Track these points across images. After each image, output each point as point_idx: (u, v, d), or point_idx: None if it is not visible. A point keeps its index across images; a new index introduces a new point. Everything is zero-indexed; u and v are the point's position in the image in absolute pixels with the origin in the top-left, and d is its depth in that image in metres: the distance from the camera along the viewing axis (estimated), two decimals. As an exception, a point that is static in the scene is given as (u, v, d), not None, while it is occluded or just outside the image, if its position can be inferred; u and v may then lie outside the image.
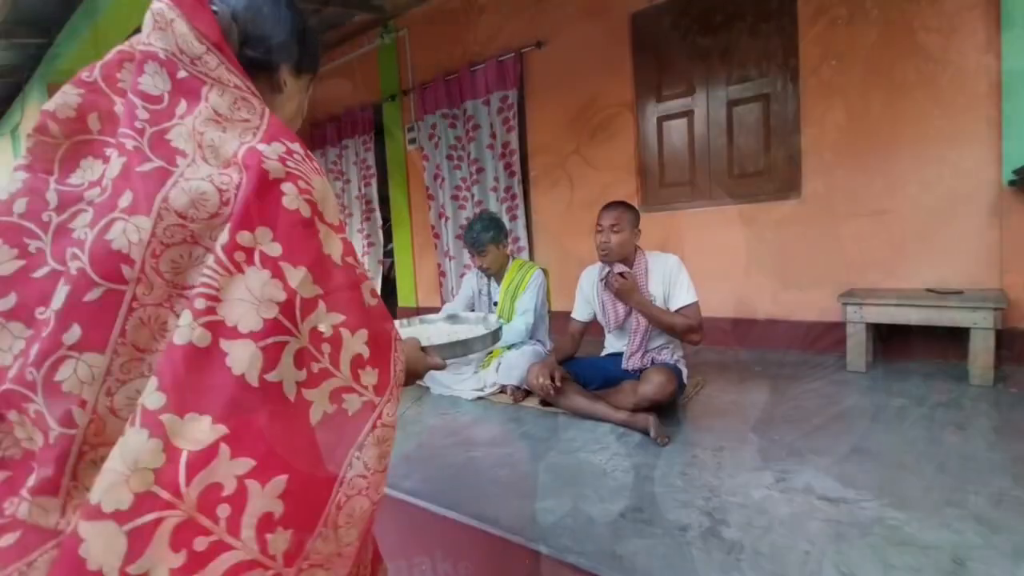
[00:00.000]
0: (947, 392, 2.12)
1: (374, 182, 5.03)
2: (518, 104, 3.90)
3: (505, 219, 4.04)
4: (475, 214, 3.93)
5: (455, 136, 4.30)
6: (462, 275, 4.38)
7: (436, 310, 4.57)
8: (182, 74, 0.59)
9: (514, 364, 2.36)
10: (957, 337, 2.42)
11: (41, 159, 0.59)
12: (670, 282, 2.06)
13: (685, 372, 2.14)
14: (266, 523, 0.49)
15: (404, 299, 4.99)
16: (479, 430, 2.08)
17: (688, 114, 3.24)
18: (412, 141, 4.69)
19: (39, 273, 0.55)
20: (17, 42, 3.74)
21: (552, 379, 2.02)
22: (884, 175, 2.64)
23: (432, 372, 1.57)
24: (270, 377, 0.51)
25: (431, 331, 1.26)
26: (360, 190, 5.08)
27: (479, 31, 4.06)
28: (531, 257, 4.01)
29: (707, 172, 3.21)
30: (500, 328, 1.11)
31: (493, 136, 4.02)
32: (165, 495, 0.46)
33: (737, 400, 2.19)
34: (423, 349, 0.84)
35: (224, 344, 0.50)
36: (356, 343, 0.59)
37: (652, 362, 2.10)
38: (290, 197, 0.56)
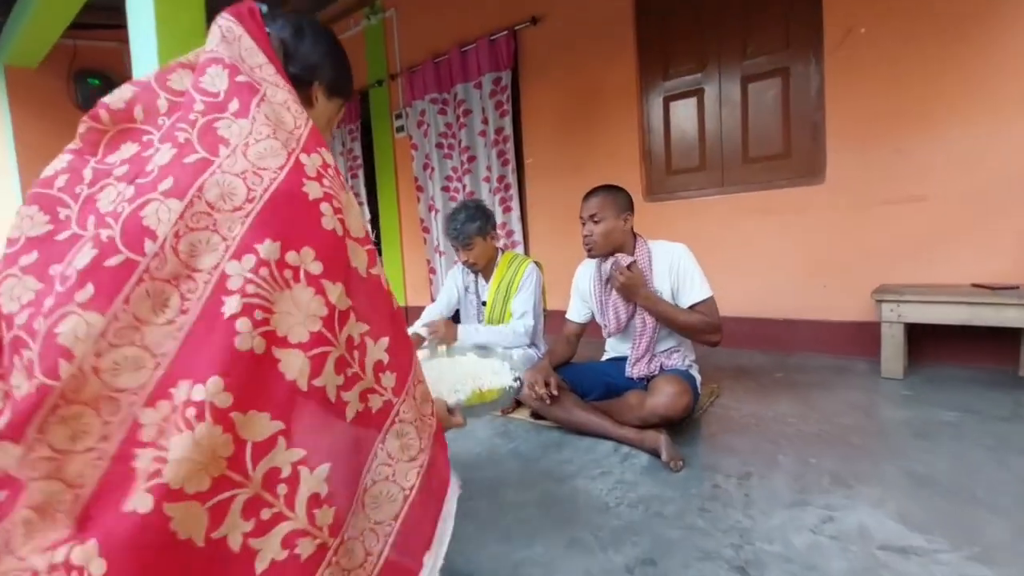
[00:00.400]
0: (1004, 404, 1.82)
1: (361, 173, 4.74)
2: (512, 86, 3.60)
3: (498, 211, 3.74)
4: (451, 198, 3.60)
5: (445, 123, 4.01)
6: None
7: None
8: (241, 78, 0.68)
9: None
10: (1007, 339, 2.13)
11: (89, 143, 0.68)
12: (679, 275, 1.76)
13: (699, 379, 1.84)
14: (314, 501, 0.60)
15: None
16: (459, 446, 1.78)
17: (698, 92, 2.94)
18: (400, 129, 4.40)
19: (62, 236, 0.61)
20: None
21: (547, 386, 1.72)
22: (920, 156, 2.34)
23: None
24: (316, 382, 0.61)
25: (457, 368, 1.29)
26: (348, 182, 4.76)
27: (470, 8, 3.76)
28: (526, 251, 3.71)
29: (719, 156, 2.91)
30: (520, 378, 1.23)
31: (485, 122, 3.73)
32: (236, 477, 0.56)
33: (759, 413, 1.89)
34: (449, 410, 0.93)
35: (277, 352, 0.59)
36: (378, 350, 0.69)
37: (661, 368, 1.80)
38: (327, 218, 0.64)
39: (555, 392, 1.72)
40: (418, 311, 4.38)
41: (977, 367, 2.24)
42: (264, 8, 0.77)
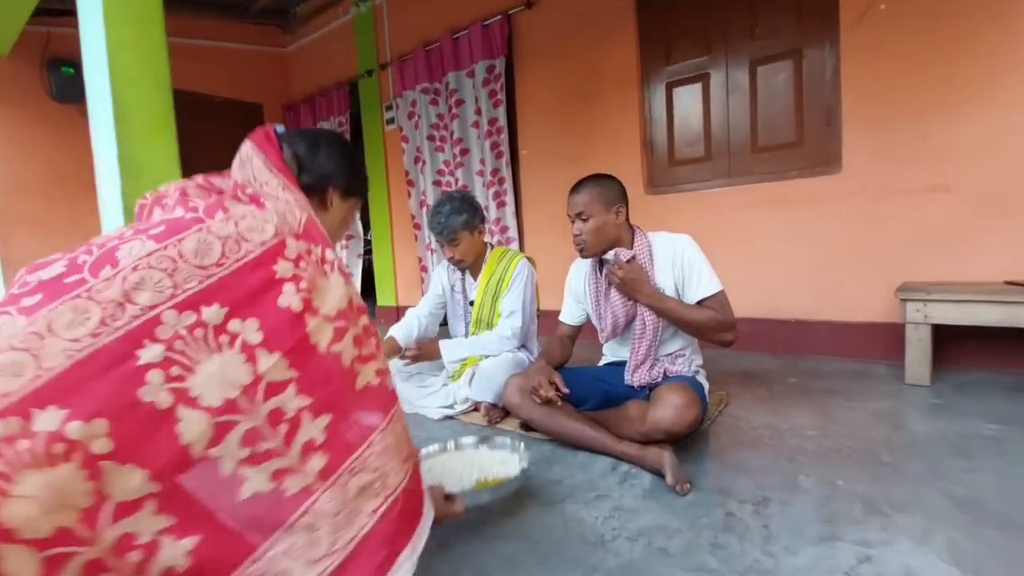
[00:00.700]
0: (1049, 414, 1.63)
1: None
2: (506, 74, 3.41)
3: (492, 205, 3.56)
4: (443, 193, 3.35)
5: (437, 113, 3.82)
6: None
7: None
8: (250, 190, 0.79)
9: (490, 377, 1.87)
10: (1046, 341, 1.94)
11: (137, 216, 0.80)
12: (684, 268, 1.56)
13: (707, 387, 1.66)
14: None
15: (384, 297, 4.51)
16: (426, 465, 1.59)
17: (703, 78, 2.75)
18: (390, 121, 4.21)
19: (70, 279, 0.61)
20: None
21: (553, 387, 1.52)
22: (945, 142, 2.15)
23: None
24: (213, 451, 0.59)
25: (464, 459, 1.36)
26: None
27: (462, -8, 3.57)
28: (521, 248, 3.52)
29: (726, 145, 2.72)
30: (527, 469, 1.28)
31: (478, 112, 3.54)
32: (82, 534, 0.52)
33: (773, 424, 1.70)
34: (447, 497, 1.00)
35: (181, 411, 0.58)
36: (315, 427, 0.66)
37: (664, 375, 1.61)
38: (286, 295, 0.67)
39: (564, 390, 1.52)
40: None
41: (1010, 372, 2.05)
42: (280, 128, 0.89)
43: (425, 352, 2.00)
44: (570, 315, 1.81)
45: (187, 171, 1.27)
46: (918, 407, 1.79)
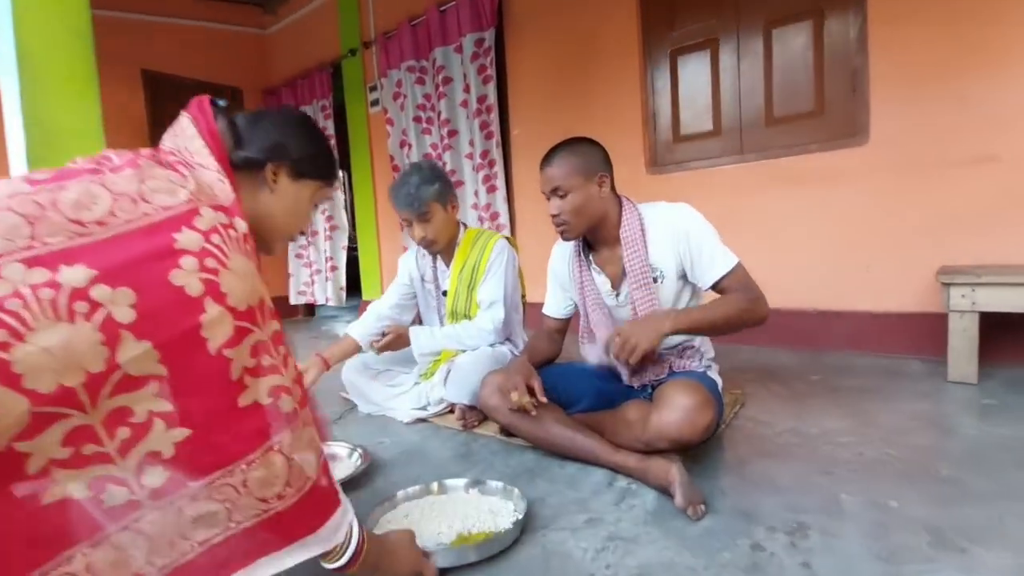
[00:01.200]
0: None
1: (335, 153, 4.29)
2: (496, 48, 3.15)
3: (482, 190, 3.30)
4: (410, 164, 3.01)
5: (423, 93, 3.57)
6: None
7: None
8: (173, 158, 0.67)
9: (467, 374, 1.60)
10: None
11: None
12: (690, 247, 1.28)
13: (720, 383, 1.39)
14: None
15: (369, 291, 4.24)
16: (406, 472, 1.34)
17: (711, 43, 2.48)
18: (375, 103, 3.96)
19: None
20: None
21: (530, 393, 1.27)
22: (989, 107, 1.88)
23: (359, 380, 1.86)
24: (21, 446, 0.48)
25: (448, 507, 1.09)
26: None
27: (449, -40, 3.32)
28: (513, 234, 3.26)
29: (737, 118, 2.45)
30: (524, 517, 1.02)
31: (467, 90, 3.28)
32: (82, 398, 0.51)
33: (800, 429, 1.43)
34: (427, 554, 0.86)
35: None
36: (164, 439, 0.54)
37: (671, 371, 1.35)
38: (184, 272, 0.55)
39: (542, 399, 1.27)
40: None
41: (1066, 368, 1.78)
42: (222, 102, 0.77)
43: (397, 339, 1.74)
44: (556, 306, 1.54)
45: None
46: (968, 409, 1.52)
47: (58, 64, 1.44)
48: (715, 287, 1.27)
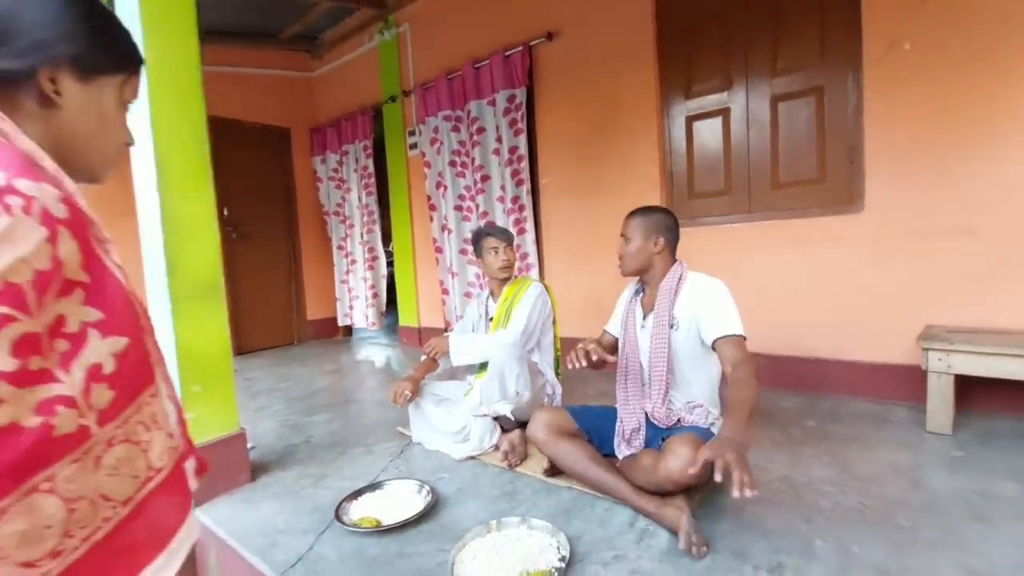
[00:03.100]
0: (1075, 472, 1.62)
1: (375, 190, 4.67)
2: (527, 104, 3.47)
3: (512, 231, 3.62)
4: (464, 218, 3.69)
5: (458, 140, 3.90)
6: (466, 294, 3.99)
7: (439, 330, 4.18)
8: None
9: (499, 370, 1.98)
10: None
11: None
12: (708, 304, 1.59)
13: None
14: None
15: (405, 318, 4.60)
16: (461, 510, 1.65)
17: (723, 112, 2.77)
18: (413, 146, 4.31)
19: None
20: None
21: (588, 357, 1.57)
22: (974, 183, 2.13)
23: (425, 404, 2.23)
24: None
25: (504, 546, 1.40)
26: (361, 199, 4.72)
27: (484, 24, 3.65)
28: (541, 275, 3.57)
29: (746, 180, 2.73)
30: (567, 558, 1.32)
31: (499, 140, 3.61)
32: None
33: (791, 477, 1.72)
34: None
35: None
36: (102, 349, 0.50)
37: (679, 423, 1.65)
38: None
39: (602, 357, 1.59)
40: (430, 333, 4.29)
41: (1036, 419, 2.02)
42: None
43: (437, 346, 2.23)
44: (614, 326, 1.90)
45: (222, 195, 1.31)
46: (938, 459, 1.78)
47: (184, 165, 1.80)
48: (718, 342, 1.54)
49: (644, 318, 1.73)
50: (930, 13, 2.15)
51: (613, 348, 1.88)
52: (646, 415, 1.70)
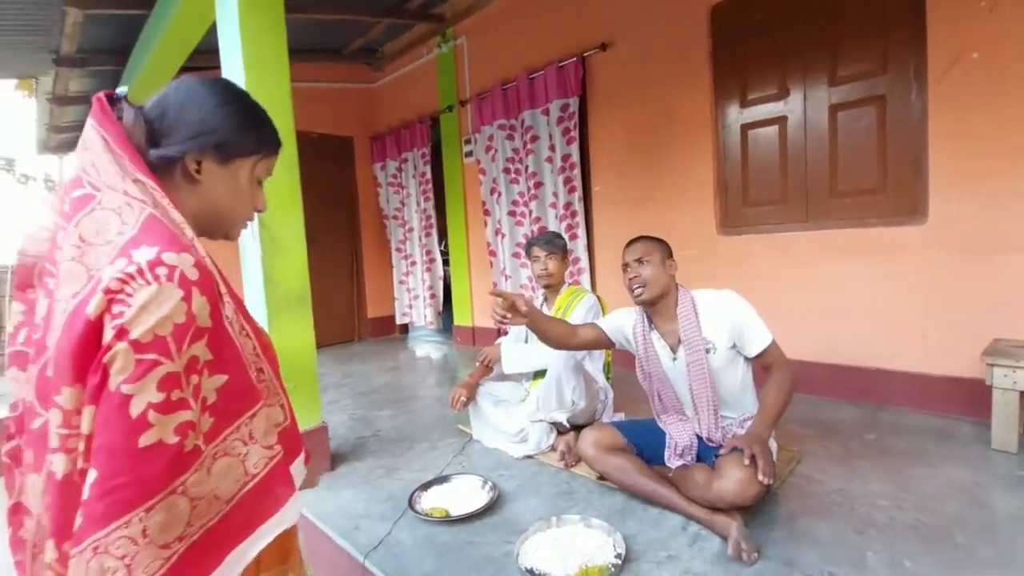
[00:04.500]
0: None
1: (432, 195, 4.88)
2: (580, 113, 3.56)
3: (565, 238, 3.72)
4: (516, 223, 3.89)
5: (512, 148, 4.03)
6: (519, 296, 4.11)
7: (491, 331, 4.34)
8: (77, 193, 0.65)
9: (555, 379, 2.08)
10: None
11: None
12: (741, 325, 1.65)
13: (775, 450, 1.73)
14: None
15: (460, 317, 4.80)
16: (522, 504, 1.79)
17: (780, 121, 2.76)
18: (469, 154, 4.48)
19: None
20: (94, 69, 3.89)
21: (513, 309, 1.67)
22: (1046, 196, 2.06)
23: (484, 404, 2.39)
24: (125, 389, 0.56)
25: (563, 541, 1.52)
26: (420, 203, 4.95)
27: (538, 35, 3.76)
28: (592, 283, 3.66)
29: (803, 189, 2.72)
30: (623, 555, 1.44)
31: (552, 148, 3.71)
32: None
33: (846, 490, 1.75)
34: None
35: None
36: (209, 385, 0.62)
37: (731, 436, 1.71)
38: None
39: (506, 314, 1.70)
40: (484, 332, 4.46)
41: (1115, 440, 1.95)
42: (122, 91, 0.71)
43: (490, 355, 2.37)
44: (610, 327, 1.87)
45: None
46: (1001, 479, 1.77)
47: (278, 183, 2.01)
48: (757, 357, 1.66)
49: (674, 351, 1.73)
50: (998, 21, 2.09)
51: (590, 344, 1.90)
52: (698, 435, 1.76)
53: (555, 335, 1.83)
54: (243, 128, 0.75)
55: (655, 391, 1.83)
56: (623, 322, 1.88)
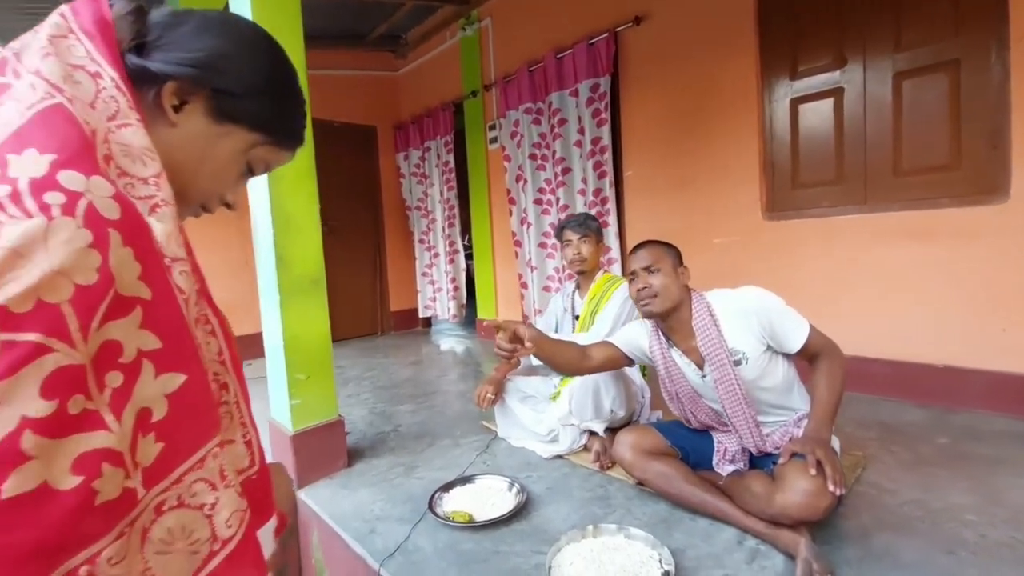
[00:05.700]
0: None
1: (456, 184, 4.74)
2: (611, 93, 3.36)
3: (597, 220, 3.53)
4: (543, 212, 3.63)
5: (539, 133, 3.85)
6: (545, 288, 3.95)
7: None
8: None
9: (583, 395, 1.90)
10: None
11: None
12: (772, 323, 1.43)
13: (839, 449, 1.51)
14: None
15: (484, 310, 4.65)
16: (552, 511, 1.62)
17: (836, 92, 2.52)
18: (493, 140, 4.32)
19: None
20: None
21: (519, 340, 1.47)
22: None
23: (511, 400, 2.21)
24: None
25: (602, 556, 1.34)
26: (443, 193, 4.81)
27: (567, 11, 3.56)
28: (623, 270, 3.46)
29: (861, 167, 2.47)
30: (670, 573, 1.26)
31: (581, 131, 3.52)
32: None
33: (924, 502, 1.53)
34: None
35: None
36: (155, 388, 0.40)
37: (790, 441, 1.49)
38: None
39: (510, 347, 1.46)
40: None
41: None
42: None
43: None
44: (625, 342, 1.66)
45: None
46: (1113, 493, 1.52)
47: (293, 163, 1.89)
48: (800, 352, 1.44)
49: (701, 368, 1.52)
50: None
51: (616, 362, 1.68)
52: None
53: (565, 361, 1.62)
54: (262, 93, 0.56)
55: (687, 412, 1.63)
56: (638, 337, 1.67)
